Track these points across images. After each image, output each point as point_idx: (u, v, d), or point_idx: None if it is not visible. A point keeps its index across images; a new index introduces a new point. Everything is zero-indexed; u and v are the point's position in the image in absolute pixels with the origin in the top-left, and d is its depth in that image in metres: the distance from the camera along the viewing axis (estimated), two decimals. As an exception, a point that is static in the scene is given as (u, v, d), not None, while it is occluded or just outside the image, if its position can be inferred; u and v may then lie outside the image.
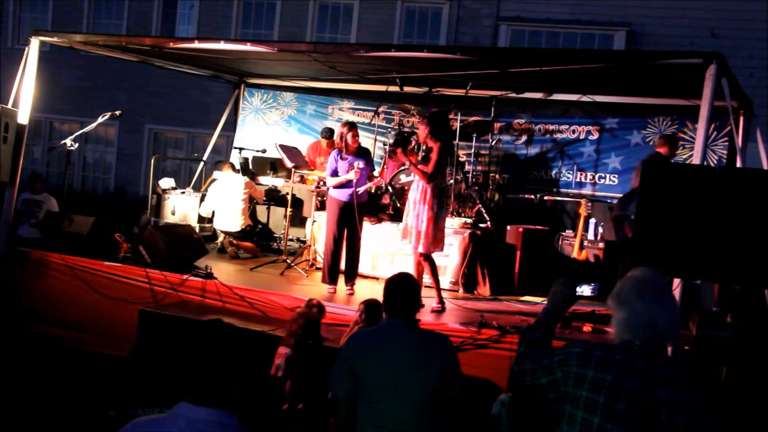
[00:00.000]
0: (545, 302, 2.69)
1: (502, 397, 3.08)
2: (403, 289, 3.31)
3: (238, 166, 8.85)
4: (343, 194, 6.64)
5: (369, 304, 4.72)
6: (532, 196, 8.70)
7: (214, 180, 8.80)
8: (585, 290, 2.71)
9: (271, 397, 4.66)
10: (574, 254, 7.12)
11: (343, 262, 6.80)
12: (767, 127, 7.74)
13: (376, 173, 6.69)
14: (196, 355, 2.07)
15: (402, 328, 3.23)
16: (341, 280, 6.79)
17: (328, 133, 8.91)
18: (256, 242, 8.72)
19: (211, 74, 10.36)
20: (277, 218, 9.44)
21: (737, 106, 6.97)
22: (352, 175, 6.51)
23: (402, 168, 7.95)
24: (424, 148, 6.16)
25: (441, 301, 6.14)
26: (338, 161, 6.66)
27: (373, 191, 7.85)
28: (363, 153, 6.77)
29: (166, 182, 9.55)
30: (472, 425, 3.98)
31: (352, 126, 6.69)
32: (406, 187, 7.52)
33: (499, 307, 6.51)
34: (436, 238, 6.04)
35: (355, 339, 3.29)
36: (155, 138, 15.62)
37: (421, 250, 6.02)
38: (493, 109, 8.68)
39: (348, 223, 6.65)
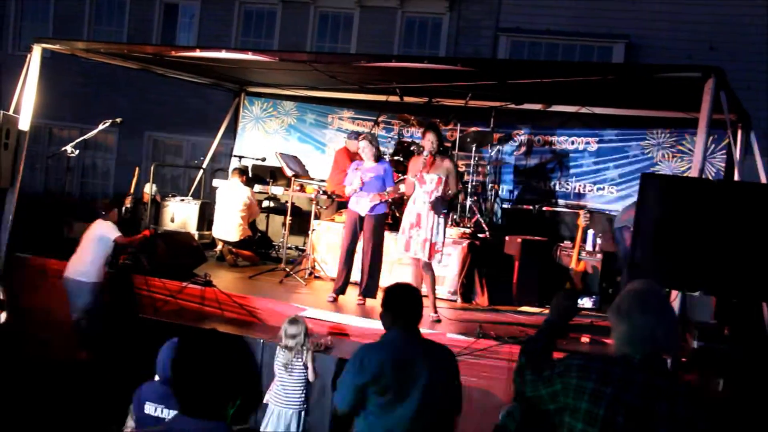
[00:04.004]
0: (543, 313, 2.71)
1: (508, 407, 3.09)
2: (408, 300, 3.34)
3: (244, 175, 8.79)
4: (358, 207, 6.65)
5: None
6: (531, 207, 8.73)
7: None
8: (586, 302, 2.73)
9: None
10: (572, 265, 7.13)
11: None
12: (765, 140, 7.78)
13: (390, 188, 6.62)
14: (192, 366, 2.00)
15: (408, 339, 3.26)
16: (350, 291, 6.76)
17: (354, 135, 8.81)
18: (255, 250, 8.72)
19: (212, 82, 10.39)
20: (276, 226, 9.46)
21: (735, 119, 7.01)
22: (356, 184, 6.50)
23: (402, 178, 7.95)
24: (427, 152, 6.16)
25: (436, 311, 6.16)
26: (353, 173, 6.68)
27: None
28: (379, 165, 6.70)
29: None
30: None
31: (366, 137, 6.70)
32: (405, 197, 7.52)
33: (497, 318, 6.50)
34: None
35: (362, 353, 3.28)
36: (155, 145, 15.63)
37: (436, 260, 6.08)
38: (492, 119, 8.71)
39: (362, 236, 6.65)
